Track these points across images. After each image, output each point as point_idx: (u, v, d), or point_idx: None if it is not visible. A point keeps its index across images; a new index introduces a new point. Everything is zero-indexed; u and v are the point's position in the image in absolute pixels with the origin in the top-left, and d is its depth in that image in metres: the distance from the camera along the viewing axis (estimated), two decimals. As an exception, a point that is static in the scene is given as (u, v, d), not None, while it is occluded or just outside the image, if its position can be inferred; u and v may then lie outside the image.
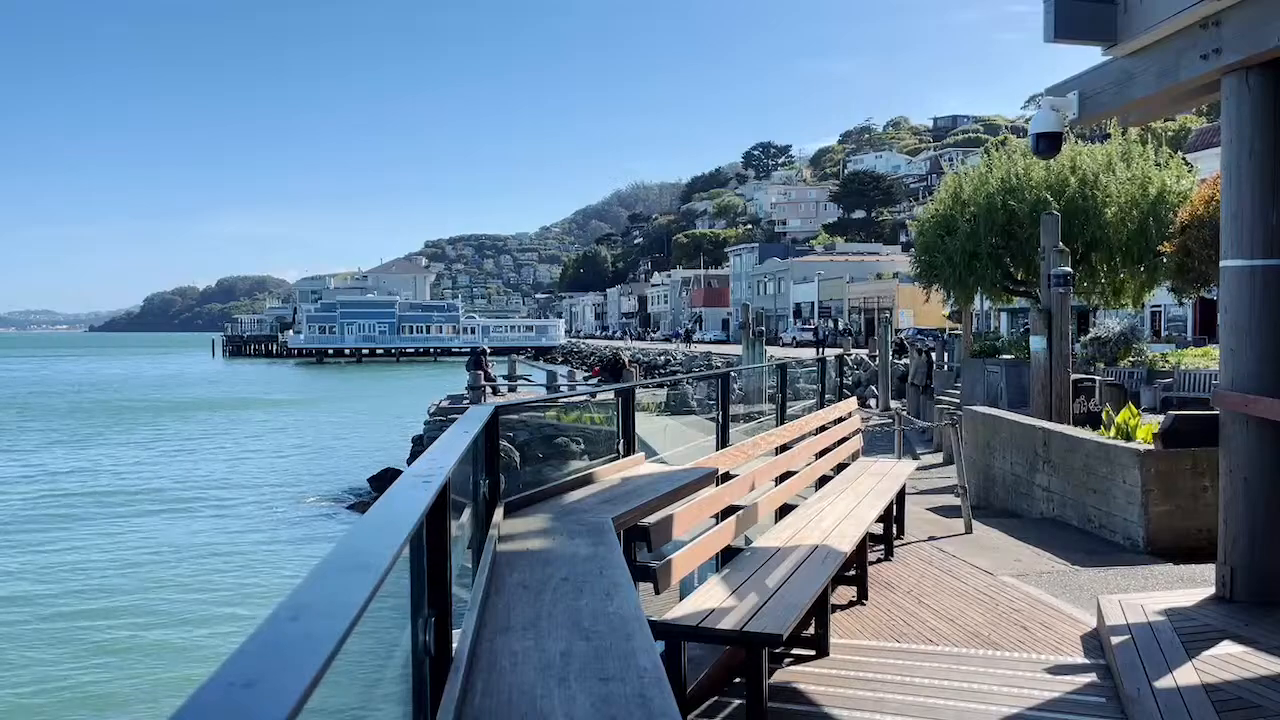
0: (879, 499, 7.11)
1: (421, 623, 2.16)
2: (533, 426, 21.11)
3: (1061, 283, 12.70)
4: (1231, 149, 5.55)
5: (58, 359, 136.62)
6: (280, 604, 1.14)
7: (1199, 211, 14.85)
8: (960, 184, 22.53)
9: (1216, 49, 5.38)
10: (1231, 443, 5.64)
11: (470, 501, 3.54)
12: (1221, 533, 5.69)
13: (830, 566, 5.17)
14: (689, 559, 4.58)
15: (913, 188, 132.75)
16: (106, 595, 16.00)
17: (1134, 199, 20.19)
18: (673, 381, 27.23)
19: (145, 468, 30.78)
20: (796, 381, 12.73)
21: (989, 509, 10.42)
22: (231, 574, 17.41)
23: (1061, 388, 12.53)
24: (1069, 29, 6.01)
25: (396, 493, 2.05)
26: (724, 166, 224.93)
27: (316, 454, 33.23)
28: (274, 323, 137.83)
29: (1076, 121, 6.76)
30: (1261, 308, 5.44)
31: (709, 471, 5.30)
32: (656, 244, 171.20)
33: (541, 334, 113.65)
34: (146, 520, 22.26)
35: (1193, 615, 5.38)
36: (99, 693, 11.83)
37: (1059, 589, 6.74)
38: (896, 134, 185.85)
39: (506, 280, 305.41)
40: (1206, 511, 7.56)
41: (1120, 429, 9.69)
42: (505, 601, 2.82)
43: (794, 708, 4.62)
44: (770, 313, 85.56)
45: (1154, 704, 4.24)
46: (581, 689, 2.10)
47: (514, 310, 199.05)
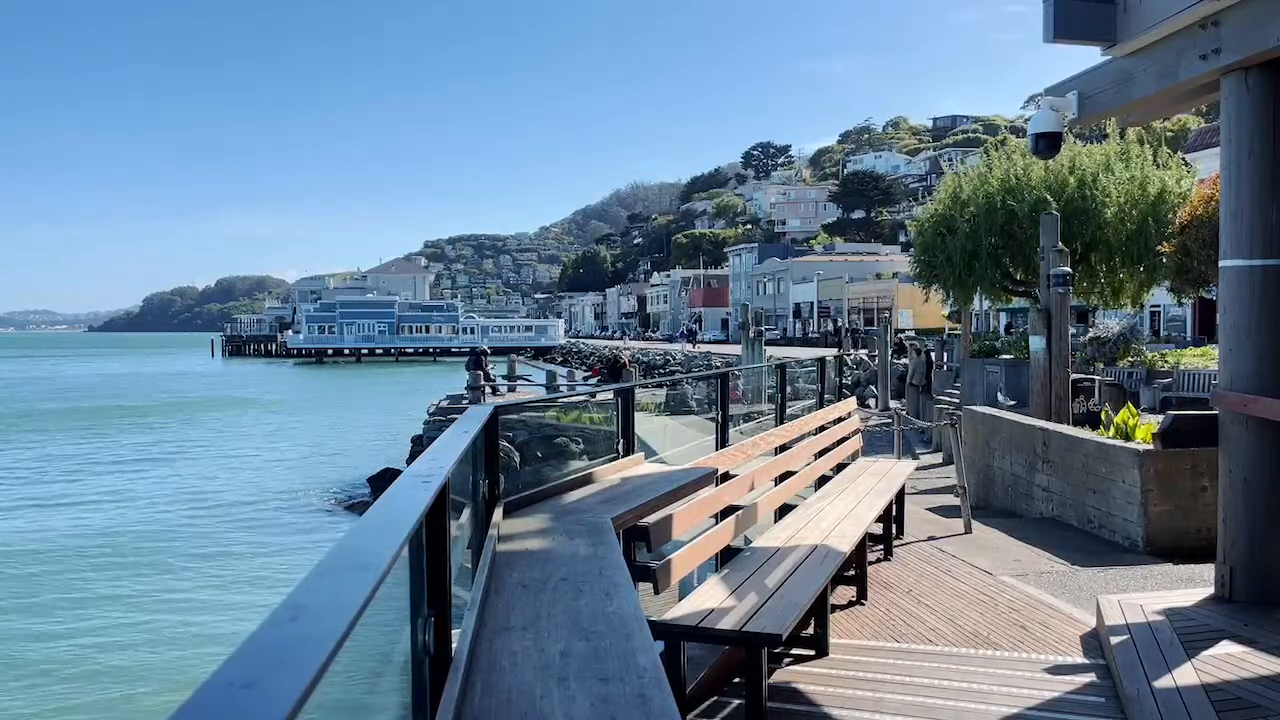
0: (878, 499, 7.11)
1: (421, 623, 2.16)
2: (532, 426, 21.12)
3: (1061, 283, 12.71)
4: (1230, 149, 5.55)
5: (59, 359, 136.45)
6: (279, 604, 1.14)
7: (1198, 211, 14.86)
8: (960, 184, 22.56)
9: (1216, 49, 5.38)
10: (1231, 443, 5.64)
11: (470, 501, 3.54)
12: (1221, 533, 5.69)
13: (830, 566, 5.17)
14: (688, 559, 4.58)
15: (912, 188, 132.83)
16: (104, 594, 15.99)
17: (1133, 199, 20.21)
18: (672, 382, 27.22)
19: (144, 468, 30.77)
20: (796, 381, 12.72)
21: (988, 509, 10.42)
22: (230, 574, 17.40)
23: (1061, 388, 12.53)
24: (1068, 29, 6.01)
25: (396, 493, 2.05)
26: (723, 166, 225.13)
27: (316, 454, 33.21)
28: (273, 323, 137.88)
29: (1076, 122, 6.76)
30: (1261, 308, 5.44)
31: (708, 471, 5.30)
32: (656, 244, 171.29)
33: (541, 334, 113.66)
34: (146, 520, 22.25)
35: (1192, 615, 5.38)
36: (95, 694, 11.82)
37: (1058, 589, 6.74)
38: (896, 134, 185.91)
39: (506, 280, 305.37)
40: (1206, 511, 7.57)
41: (1119, 429, 9.69)
42: (505, 601, 2.82)
43: (793, 708, 4.61)
44: (770, 313, 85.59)
45: (1153, 704, 4.24)
46: (581, 689, 2.10)
47: (513, 310, 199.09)
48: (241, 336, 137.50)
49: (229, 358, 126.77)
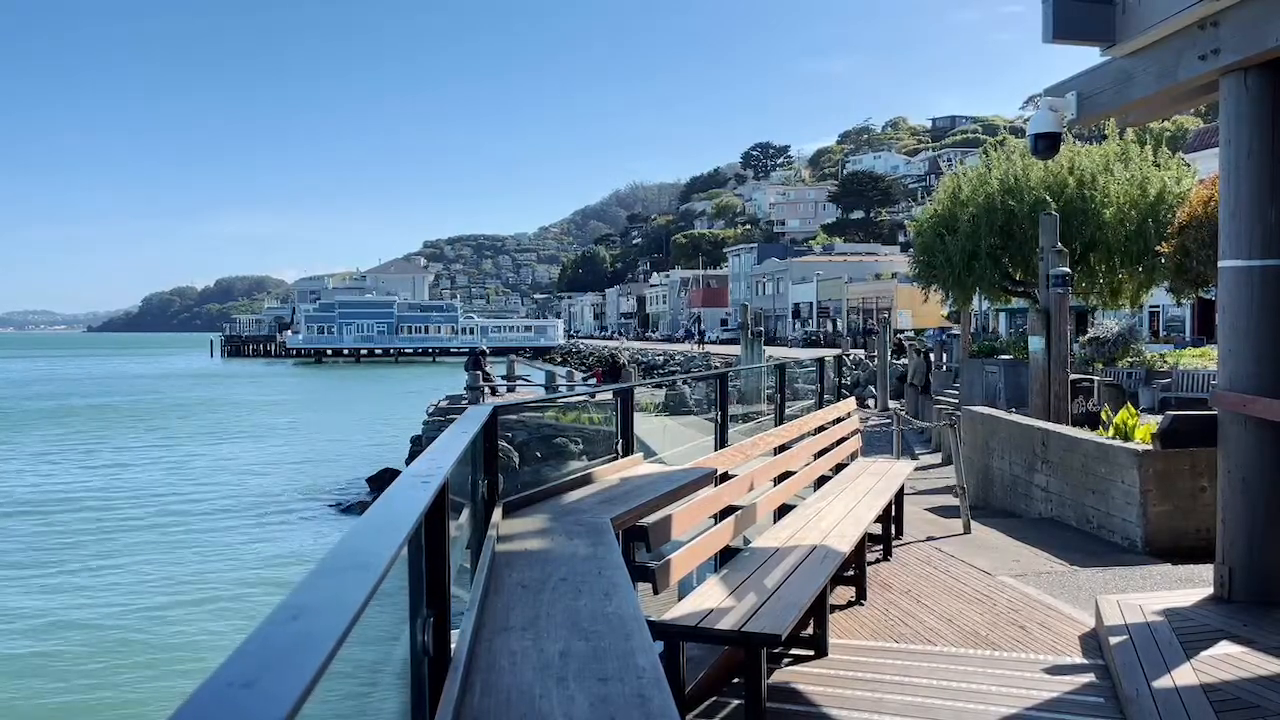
0: (877, 499, 7.11)
1: (420, 623, 2.17)
2: (531, 427, 21.12)
3: (1060, 283, 12.71)
4: (1229, 149, 5.55)
5: (60, 360, 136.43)
6: (279, 604, 1.14)
7: (1197, 212, 14.86)
8: (959, 184, 22.56)
9: (1215, 49, 5.38)
10: (1230, 443, 5.64)
11: (469, 502, 3.54)
12: (1220, 533, 5.70)
13: (829, 567, 5.17)
14: (688, 559, 4.58)
15: (911, 188, 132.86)
16: (100, 594, 15.99)
17: (1132, 199, 20.21)
18: (670, 382, 27.23)
19: (143, 468, 30.76)
20: (795, 382, 12.72)
21: (987, 509, 10.43)
22: (228, 574, 17.39)
23: (1060, 388, 12.54)
24: (1068, 29, 6.01)
25: (395, 493, 2.05)
26: (723, 167, 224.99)
27: (315, 454, 33.19)
28: (272, 323, 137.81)
29: (1075, 122, 6.76)
30: (1260, 308, 5.45)
31: (708, 472, 5.30)
32: (655, 244, 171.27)
33: (540, 334, 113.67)
34: (144, 520, 22.24)
35: (1191, 615, 5.38)
36: (95, 694, 11.82)
37: (1057, 589, 6.74)
38: (895, 134, 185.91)
39: (505, 280, 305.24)
40: (1205, 512, 7.57)
41: (1119, 429, 9.69)
42: (504, 601, 2.82)
43: (792, 708, 4.62)
44: (769, 313, 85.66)
45: (1152, 704, 4.24)
46: (580, 689, 2.10)
47: (512, 310, 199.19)
48: (240, 337, 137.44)
49: (228, 358, 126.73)
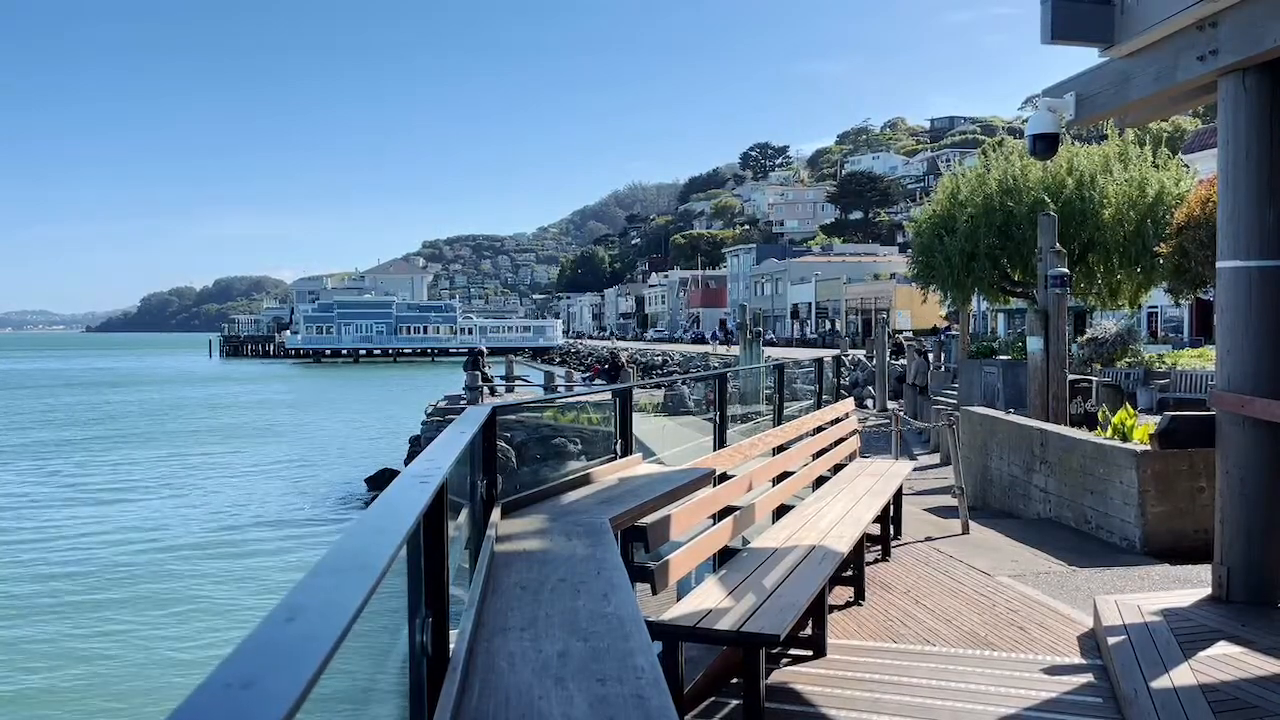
0: (876, 499, 7.11)
1: (419, 623, 2.16)
2: (530, 427, 21.09)
3: (1059, 284, 12.71)
4: (1228, 150, 5.55)
5: (60, 359, 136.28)
6: (277, 605, 1.14)
7: (1195, 213, 14.87)
8: (957, 185, 22.57)
9: (1213, 50, 5.38)
10: (1228, 443, 5.64)
11: (467, 502, 3.54)
12: (1218, 533, 5.70)
13: (827, 567, 5.17)
14: (686, 559, 4.58)
15: (910, 189, 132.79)
16: (99, 595, 15.97)
17: (1131, 200, 20.22)
18: (669, 382, 27.21)
19: (141, 468, 30.73)
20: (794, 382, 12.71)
21: (986, 509, 10.43)
22: (227, 574, 17.38)
23: (1059, 388, 12.54)
24: (1066, 30, 6.02)
25: (394, 493, 2.05)
26: (721, 167, 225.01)
27: (313, 454, 33.17)
28: (271, 323, 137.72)
29: (1074, 122, 6.77)
30: (1258, 309, 5.45)
31: (706, 472, 5.30)
32: (654, 245, 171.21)
33: (539, 334, 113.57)
34: (143, 520, 22.22)
35: (1189, 616, 5.38)
36: (94, 694, 11.81)
37: (1056, 589, 6.75)
38: (894, 135, 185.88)
39: (504, 281, 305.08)
40: (1203, 512, 7.57)
41: (1117, 430, 9.70)
42: (503, 602, 2.82)
43: (791, 708, 4.62)
44: (768, 313, 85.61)
45: (1150, 704, 4.24)
46: (579, 689, 2.10)
47: (511, 311, 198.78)
48: (239, 337, 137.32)
49: (226, 358, 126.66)
